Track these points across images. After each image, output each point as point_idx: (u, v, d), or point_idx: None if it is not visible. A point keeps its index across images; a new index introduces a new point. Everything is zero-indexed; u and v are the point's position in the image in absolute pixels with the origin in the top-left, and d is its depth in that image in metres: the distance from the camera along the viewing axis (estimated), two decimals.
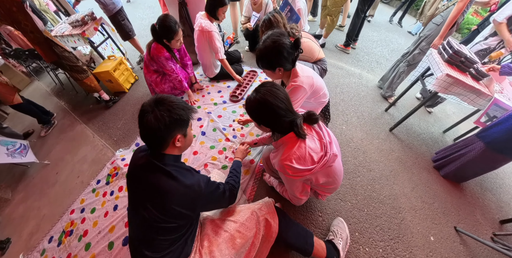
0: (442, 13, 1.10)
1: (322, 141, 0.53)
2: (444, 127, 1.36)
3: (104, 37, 1.71)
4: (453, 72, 0.91)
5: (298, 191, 0.59)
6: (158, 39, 1.05)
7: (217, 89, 1.42)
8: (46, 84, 1.99)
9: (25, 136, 1.45)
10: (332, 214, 0.84)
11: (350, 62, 1.79)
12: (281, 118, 0.51)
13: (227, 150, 1.05)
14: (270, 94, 0.50)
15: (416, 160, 1.12)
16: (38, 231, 0.93)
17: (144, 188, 0.45)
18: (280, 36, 0.64)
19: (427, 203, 0.93)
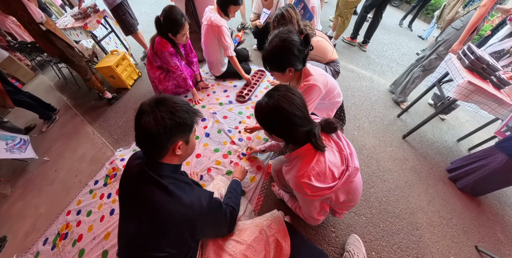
0: (463, 18, 1.01)
1: (343, 152, 0.45)
2: (458, 135, 1.27)
3: (108, 31, 1.61)
4: (475, 79, 0.84)
5: (316, 211, 0.50)
6: (162, 33, 0.96)
7: (223, 89, 1.32)
8: (50, 79, 1.91)
9: (26, 130, 1.38)
10: (346, 230, 0.75)
11: (361, 65, 1.69)
12: (297, 127, 0.43)
13: (232, 153, 0.95)
14: (285, 100, 0.41)
15: (431, 170, 1.03)
16: (34, 231, 0.88)
17: (134, 202, 0.37)
18: (289, 33, 0.56)
19: (445, 219, 0.84)
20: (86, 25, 1.36)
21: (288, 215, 0.68)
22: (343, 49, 1.84)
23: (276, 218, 0.54)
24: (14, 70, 1.95)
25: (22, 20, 0.94)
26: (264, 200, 0.81)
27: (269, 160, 0.93)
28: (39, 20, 0.96)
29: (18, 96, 1.24)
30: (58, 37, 1.06)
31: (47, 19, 1.01)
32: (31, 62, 1.95)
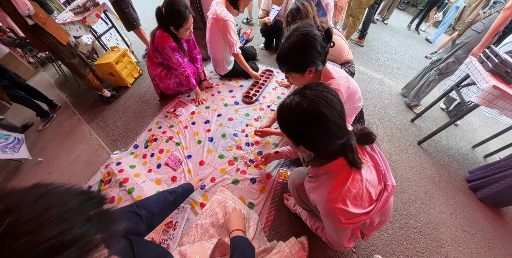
0: (484, 20, 0.91)
1: (380, 168, 0.36)
2: (473, 142, 1.16)
3: (108, 26, 1.47)
4: (499, 83, 0.75)
5: (347, 238, 0.40)
6: (164, 26, 0.82)
7: (229, 89, 1.18)
8: (50, 76, 1.78)
9: (23, 128, 1.26)
10: (367, 249, 0.64)
11: (371, 67, 1.57)
12: (334, 139, 0.32)
13: (239, 160, 0.83)
14: (324, 103, 0.30)
15: (450, 179, 0.93)
16: None
17: None
18: (310, 27, 0.47)
19: (469, 233, 0.75)
20: (85, 19, 1.23)
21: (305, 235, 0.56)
22: (353, 49, 1.73)
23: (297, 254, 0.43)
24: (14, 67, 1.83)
25: (8, 11, 0.83)
26: (275, 214, 0.69)
27: (279, 167, 0.80)
28: (24, 13, 0.84)
29: (14, 91, 1.12)
30: (47, 33, 0.94)
31: (36, 13, 0.88)
32: (33, 59, 1.82)
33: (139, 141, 0.98)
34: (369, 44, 1.83)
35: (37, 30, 0.91)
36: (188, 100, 1.13)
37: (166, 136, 0.96)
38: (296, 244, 0.47)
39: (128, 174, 0.79)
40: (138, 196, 0.72)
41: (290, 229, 0.66)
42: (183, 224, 0.64)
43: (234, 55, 1.04)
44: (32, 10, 0.86)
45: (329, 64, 0.55)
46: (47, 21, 0.93)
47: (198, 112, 1.05)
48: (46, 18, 0.94)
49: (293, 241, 0.49)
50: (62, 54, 1.03)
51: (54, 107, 1.35)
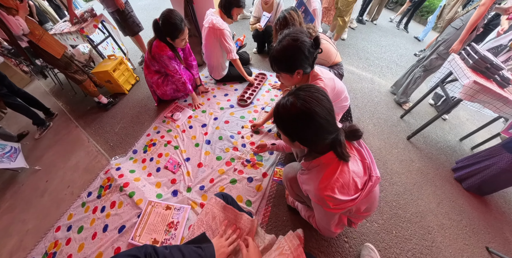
0: (462, 17, 1.02)
1: (365, 161, 0.41)
2: (460, 135, 1.27)
3: (105, 35, 1.57)
4: (479, 79, 0.83)
5: (334, 224, 0.47)
6: (160, 36, 0.92)
7: (224, 93, 1.28)
8: (45, 84, 1.84)
9: (19, 137, 1.31)
10: (359, 239, 0.71)
11: (361, 66, 1.69)
12: (326, 135, 0.37)
13: (236, 160, 0.91)
14: (316, 103, 0.35)
15: (437, 171, 1.01)
16: (19, 250, 0.79)
17: None
18: (300, 34, 0.54)
19: (455, 220, 0.83)
20: (83, 29, 1.32)
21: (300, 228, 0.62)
22: (343, 50, 1.85)
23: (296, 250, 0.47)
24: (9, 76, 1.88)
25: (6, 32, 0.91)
26: (272, 210, 0.76)
27: (274, 166, 0.88)
28: (17, 34, 0.92)
29: (12, 99, 1.18)
30: (41, 49, 1.01)
31: (32, 30, 0.95)
32: (27, 67, 1.90)
33: (138, 146, 1.04)
34: (358, 45, 1.95)
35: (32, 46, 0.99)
36: (184, 105, 1.22)
37: (164, 140, 1.03)
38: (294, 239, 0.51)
39: (128, 179, 0.86)
40: (139, 199, 0.78)
41: (286, 223, 0.73)
42: (184, 224, 0.70)
43: (232, 60, 1.14)
44: (27, 30, 0.94)
45: (317, 67, 0.63)
46: (43, 37, 1.01)
47: (195, 116, 1.14)
48: (42, 34, 1.01)
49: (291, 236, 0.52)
50: (57, 66, 1.12)
51: (50, 115, 1.41)
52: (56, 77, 1.64)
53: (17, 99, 1.22)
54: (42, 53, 1.04)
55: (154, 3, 3.04)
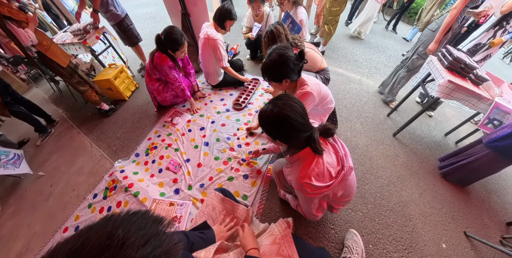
0: (437, 20, 1.19)
1: (338, 154, 0.52)
2: (445, 130, 1.41)
3: (106, 45, 1.74)
4: (454, 78, 0.96)
5: (315, 208, 0.58)
6: (162, 49, 1.09)
7: (220, 98, 1.44)
8: (44, 91, 1.97)
9: (20, 144, 1.41)
10: (344, 226, 0.83)
11: (350, 68, 1.87)
12: (299, 133, 0.49)
13: (232, 160, 1.04)
14: (289, 109, 0.48)
15: (422, 165, 1.14)
16: (27, 251, 0.86)
17: None
18: (285, 49, 0.67)
19: (436, 209, 0.94)
20: (86, 41, 1.49)
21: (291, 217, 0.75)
22: (332, 54, 2.04)
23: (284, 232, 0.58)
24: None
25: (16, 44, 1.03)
26: (265, 203, 0.88)
27: (267, 164, 1.02)
28: (26, 45, 1.03)
29: (16, 107, 1.31)
30: (48, 58, 1.12)
31: (40, 41, 1.07)
32: (25, 75, 2.02)
33: (140, 149, 1.17)
34: (347, 48, 2.16)
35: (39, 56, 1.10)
36: (183, 110, 1.37)
37: (165, 143, 1.17)
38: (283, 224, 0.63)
39: (132, 180, 0.97)
40: (144, 198, 0.90)
41: (278, 214, 0.85)
42: (186, 218, 0.82)
43: (224, 68, 1.31)
44: (35, 41, 1.04)
45: (304, 74, 0.75)
46: (50, 47, 1.14)
47: (193, 120, 1.28)
48: (50, 44, 1.14)
49: (281, 221, 0.64)
50: (62, 75, 1.24)
51: (51, 122, 1.52)
52: (56, 85, 1.77)
53: (21, 107, 1.34)
54: (49, 62, 1.15)
55: (150, 12, 3.27)
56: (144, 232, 0.18)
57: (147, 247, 0.17)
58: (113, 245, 0.17)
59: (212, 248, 0.54)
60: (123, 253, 0.16)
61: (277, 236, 0.60)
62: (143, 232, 0.18)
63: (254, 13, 1.50)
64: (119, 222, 0.19)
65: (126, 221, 0.19)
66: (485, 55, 1.25)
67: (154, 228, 0.19)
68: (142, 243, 0.17)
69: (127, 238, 0.17)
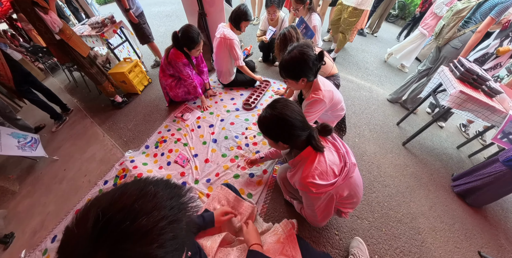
0: (460, 38, 1.25)
1: (340, 151, 0.54)
2: (457, 142, 1.40)
3: (122, 40, 1.84)
4: (466, 89, 0.97)
5: (320, 211, 0.58)
6: (178, 46, 1.13)
7: (230, 97, 1.49)
8: (60, 81, 2.11)
9: (36, 129, 1.50)
10: (349, 233, 0.83)
11: (360, 76, 1.91)
12: (299, 132, 0.51)
13: (239, 158, 1.07)
14: (287, 109, 0.51)
15: (432, 176, 1.13)
16: (42, 229, 0.94)
17: None
18: (307, 48, 0.68)
19: (447, 224, 0.92)
20: (103, 34, 1.58)
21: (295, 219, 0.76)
22: (343, 61, 2.09)
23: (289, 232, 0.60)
24: None
25: (39, 30, 1.06)
26: (270, 203, 0.90)
27: (274, 164, 1.04)
28: (55, 30, 1.07)
29: (33, 95, 1.40)
30: (70, 47, 1.17)
31: (63, 29, 1.11)
32: (43, 65, 2.18)
33: (150, 142, 1.23)
34: (358, 55, 2.21)
35: (63, 45, 1.14)
36: (194, 106, 1.43)
37: (174, 137, 1.22)
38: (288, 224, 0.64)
39: (141, 170, 1.02)
40: None
41: (282, 215, 0.86)
42: None
43: (239, 67, 1.37)
44: (60, 24, 1.08)
45: (320, 77, 0.75)
46: (72, 36, 1.20)
47: (203, 117, 1.34)
48: (71, 34, 1.20)
49: (286, 221, 0.66)
50: (82, 65, 1.31)
51: (66, 110, 1.63)
52: (71, 75, 1.89)
53: (37, 96, 1.42)
54: (71, 51, 1.19)
55: (167, 10, 3.45)
56: (170, 190, 0.22)
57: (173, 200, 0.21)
58: (147, 194, 0.20)
59: (218, 238, 0.56)
60: (155, 201, 0.20)
61: (281, 236, 0.61)
62: (169, 190, 0.22)
63: (270, 17, 1.58)
64: (149, 181, 0.23)
65: (155, 182, 0.23)
66: (495, 64, 1.24)
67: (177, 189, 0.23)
68: (169, 197, 0.21)
69: (157, 192, 0.21)
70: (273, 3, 1.46)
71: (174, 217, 0.20)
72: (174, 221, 0.20)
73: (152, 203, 0.20)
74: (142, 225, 0.18)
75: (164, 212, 0.19)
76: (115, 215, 0.18)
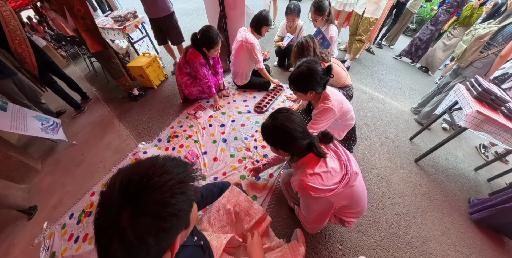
0: (482, 59, 1.27)
1: (341, 159, 0.55)
2: (475, 164, 1.33)
3: (142, 35, 1.87)
4: (484, 109, 0.95)
5: (315, 214, 0.58)
6: (197, 46, 1.18)
7: (243, 98, 1.54)
8: (80, 70, 2.25)
9: (57, 114, 1.61)
10: (353, 249, 0.81)
11: (374, 87, 1.90)
12: (299, 141, 0.54)
13: (247, 159, 1.10)
14: (287, 120, 0.54)
15: (446, 199, 1.08)
16: (61, 205, 1.03)
17: None
18: (314, 63, 0.73)
19: (463, 254, 0.86)
20: (125, 28, 1.67)
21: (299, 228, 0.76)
22: (358, 71, 2.09)
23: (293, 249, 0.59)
24: None
25: (76, 14, 1.04)
26: (273, 207, 0.91)
27: (280, 169, 1.05)
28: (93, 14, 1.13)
29: (56, 85, 1.51)
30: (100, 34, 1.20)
31: None
32: (65, 53, 2.33)
33: (162, 135, 1.28)
34: (373, 67, 2.21)
35: (97, 32, 1.17)
36: (207, 105, 1.49)
37: (186, 134, 1.27)
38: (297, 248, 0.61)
39: None
40: None
41: (285, 221, 0.86)
42: None
43: (259, 69, 1.42)
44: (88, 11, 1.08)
45: (329, 88, 0.79)
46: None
47: (215, 116, 1.39)
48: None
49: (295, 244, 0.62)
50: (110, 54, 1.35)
51: (86, 99, 1.73)
52: (92, 65, 2.01)
53: (59, 86, 1.52)
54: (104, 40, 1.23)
55: (187, 8, 3.54)
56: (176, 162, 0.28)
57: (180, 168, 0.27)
58: (157, 164, 0.26)
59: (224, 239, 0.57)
60: (164, 168, 0.26)
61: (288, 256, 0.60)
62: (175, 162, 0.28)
63: (288, 24, 1.64)
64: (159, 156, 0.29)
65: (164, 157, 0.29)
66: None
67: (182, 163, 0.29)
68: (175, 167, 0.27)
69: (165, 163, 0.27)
70: (292, 12, 1.51)
71: (180, 179, 0.26)
72: (181, 182, 0.26)
73: (162, 169, 0.26)
74: (155, 182, 0.24)
75: (171, 175, 0.25)
76: (134, 177, 0.24)
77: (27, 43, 1.13)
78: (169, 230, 0.24)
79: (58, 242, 0.88)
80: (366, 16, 1.72)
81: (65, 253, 0.84)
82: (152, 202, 0.23)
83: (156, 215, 0.23)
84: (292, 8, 1.49)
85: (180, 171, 0.26)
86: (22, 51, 1.12)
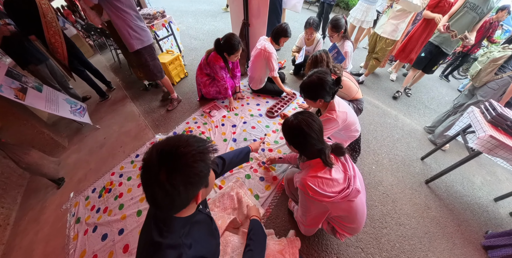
0: (497, 81, 1.29)
1: (347, 173, 0.58)
2: (495, 194, 1.25)
3: (168, 33, 1.99)
4: (498, 134, 0.93)
5: (311, 216, 0.62)
6: (219, 51, 1.30)
7: (256, 102, 1.65)
8: (106, 60, 2.50)
9: (83, 99, 1.81)
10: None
11: (387, 102, 1.92)
12: (311, 146, 0.59)
13: (253, 160, 1.17)
14: (305, 124, 0.58)
15: (459, 228, 1.02)
16: (85, 180, 1.19)
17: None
18: (325, 74, 0.80)
19: None
20: (153, 25, 1.73)
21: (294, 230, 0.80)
22: (372, 85, 2.14)
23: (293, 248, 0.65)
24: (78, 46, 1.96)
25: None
26: (274, 209, 0.95)
27: (284, 173, 1.09)
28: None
29: (85, 74, 1.70)
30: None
31: None
32: (93, 42, 2.57)
33: (178, 129, 1.42)
34: (389, 82, 2.24)
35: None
36: (221, 105, 1.61)
37: (199, 130, 1.39)
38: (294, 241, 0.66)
39: None
40: None
41: (283, 223, 0.90)
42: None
43: (273, 77, 1.54)
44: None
45: (337, 99, 0.85)
46: None
47: (228, 116, 1.50)
48: None
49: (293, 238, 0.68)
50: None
51: (110, 88, 1.93)
52: (117, 56, 2.23)
53: (87, 73, 1.70)
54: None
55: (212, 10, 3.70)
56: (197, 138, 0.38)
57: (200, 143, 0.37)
58: (182, 139, 0.36)
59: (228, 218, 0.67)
60: (188, 142, 0.35)
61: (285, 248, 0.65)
62: (196, 138, 0.38)
63: (306, 37, 1.79)
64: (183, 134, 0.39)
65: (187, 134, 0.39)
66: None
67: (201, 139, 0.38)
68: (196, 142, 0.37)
69: (188, 138, 0.37)
70: (311, 26, 1.64)
71: (200, 150, 0.35)
72: (200, 152, 0.35)
73: (186, 143, 0.35)
74: (181, 151, 0.34)
75: (194, 147, 0.35)
76: (165, 148, 0.34)
77: (60, 34, 1.27)
78: (193, 184, 0.35)
79: (82, 211, 1.01)
80: (383, 36, 1.80)
81: (88, 220, 0.97)
82: (180, 165, 0.33)
83: (184, 173, 0.33)
84: (311, 22, 1.64)
85: (200, 145, 0.36)
86: (55, 41, 1.27)
